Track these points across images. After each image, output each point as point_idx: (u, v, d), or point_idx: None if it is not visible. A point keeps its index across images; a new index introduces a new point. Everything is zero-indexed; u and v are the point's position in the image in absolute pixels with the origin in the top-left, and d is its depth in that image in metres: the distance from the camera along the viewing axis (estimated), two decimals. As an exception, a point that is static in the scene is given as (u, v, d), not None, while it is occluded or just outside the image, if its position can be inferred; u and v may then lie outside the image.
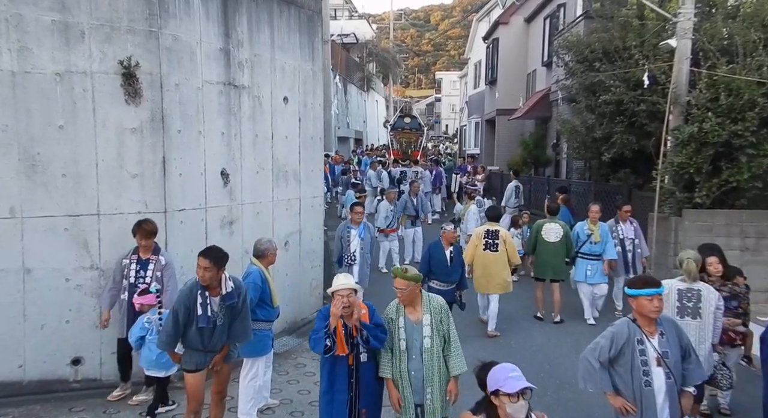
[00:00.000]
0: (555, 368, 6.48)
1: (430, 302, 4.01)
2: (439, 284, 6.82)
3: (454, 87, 51.28)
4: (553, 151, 16.85)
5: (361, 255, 7.60)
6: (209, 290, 4.24)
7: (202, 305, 4.23)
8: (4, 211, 5.11)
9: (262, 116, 6.83)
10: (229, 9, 6.28)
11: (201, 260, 4.18)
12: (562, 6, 16.88)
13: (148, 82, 5.45)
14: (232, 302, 4.32)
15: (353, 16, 35.11)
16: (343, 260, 7.63)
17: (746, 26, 8.73)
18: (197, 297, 4.23)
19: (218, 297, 4.27)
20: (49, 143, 5.17)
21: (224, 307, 4.30)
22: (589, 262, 7.85)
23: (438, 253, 6.88)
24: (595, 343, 3.76)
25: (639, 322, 3.66)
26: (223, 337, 4.41)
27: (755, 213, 8.56)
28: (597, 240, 7.79)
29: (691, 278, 4.84)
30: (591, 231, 7.84)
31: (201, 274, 4.17)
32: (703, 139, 8.22)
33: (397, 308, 4.01)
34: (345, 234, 7.67)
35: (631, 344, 3.61)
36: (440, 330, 3.96)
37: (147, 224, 5.20)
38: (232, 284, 4.35)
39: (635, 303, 3.64)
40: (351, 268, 7.51)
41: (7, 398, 5.20)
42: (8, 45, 4.97)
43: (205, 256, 4.20)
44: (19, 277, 5.22)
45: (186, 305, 4.24)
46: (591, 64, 10.54)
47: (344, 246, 7.62)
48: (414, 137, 20.24)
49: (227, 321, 4.36)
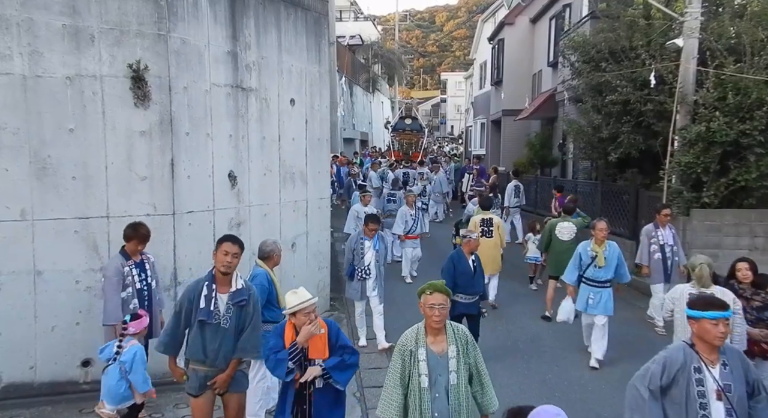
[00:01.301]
0: (563, 369, 6.46)
1: (455, 332, 3.43)
2: (464, 298, 6.27)
3: (460, 88, 51.26)
4: (560, 152, 16.81)
5: (376, 268, 6.96)
6: (218, 284, 3.96)
7: (206, 298, 3.90)
8: (15, 213, 5.16)
9: (269, 118, 6.86)
10: (237, 12, 6.32)
11: (228, 246, 3.94)
12: (567, 6, 16.84)
13: (156, 85, 5.49)
14: (241, 300, 3.97)
15: (359, 18, 35.17)
16: (355, 274, 6.95)
17: (754, 25, 8.71)
18: (203, 289, 3.92)
19: (226, 295, 3.96)
20: (59, 146, 5.22)
21: (232, 306, 3.96)
22: (592, 289, 6.62)
23: (462, 263, 6.36)
24: (645, 368, 3.31)
25: (698, 348, 3.20)
26: (230, 345, 3.94)
27: (764, 212, 8.52)
28: (601, 264, 6.59)
29: (702, 283, 4.69)
30: (595, 253, 6.66)
31: (227, 261, 3.90)
32: (711, 139, 8.20)
33: (417, 337, 3.38)
34: (358, 246, 6.95)
35: (686, 373, 3.16)
36: (467, 363, 3.40)
37: (143, 227, 5.05)
38: (243, 282, 4.08)
39: (696, 326, 3.19)
40: (365, 282, 6.92)
41: (19, 399, 5.24)
42: (19, 49, 5.02)
43: (234, 241, 4.00)
44: (30, 279, 5.27)
45: (190, 299, 3.93)
46: (597, 64, 10.52)
47: (357, 259, 6.91)
48: (415, 139, 20.27)
49: (235, 325, 3.96)
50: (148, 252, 5.23)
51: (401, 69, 39.93)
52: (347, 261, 7.09)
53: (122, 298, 4.91)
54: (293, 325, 3.69)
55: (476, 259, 6.50)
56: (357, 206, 10.42)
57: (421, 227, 10.35)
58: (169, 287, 5.72)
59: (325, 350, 3.67)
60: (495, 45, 23.66)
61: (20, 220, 5.18)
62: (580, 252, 6.81)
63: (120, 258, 4.98)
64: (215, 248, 4.00)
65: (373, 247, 6.91)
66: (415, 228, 10.14)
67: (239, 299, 3.98)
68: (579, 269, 6.74)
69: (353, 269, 6.95)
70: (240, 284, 4.03)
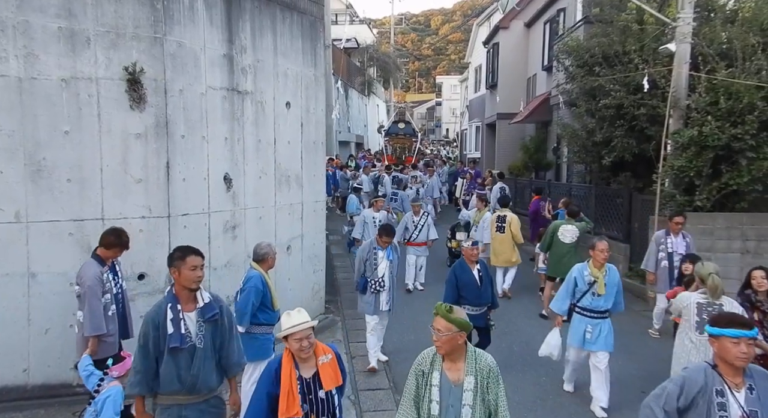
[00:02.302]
0: (558, 372, 6.49)
1: (477, 362, 3.07)
2: (471, 309, 5.94)
3: (455, 91, 51.44)
4: (554, 155, 16.88)
5: (390, 279, 6.47)
6: (182, 303, 3.54)
7: (174, 321, 3.44)
8: (10, 215, 5.15)
9: (264, 121, 6.88)
10: (233, 15, 6.34)
11: (196, 259, 3.53)
12: (562, 11, 16.95)
13: (152, 88, 5.50)
14: (213, 314, 3.56)
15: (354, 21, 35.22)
16: (368, 287, 6.43)
17: (745, 30, 8.80)
18: (167, 312, 3.45)
19: (194, 312, 3.54)
20: (54, 148, 5.21)
21: (204, 323, 3.53)
22: (590, 321, 5.63)
23: (465, 274, 6.05)
24: (661, 388, 3.08)
25: (721, 369, 2.97)
26: (209, 366, 3.53)
27: (755, 216, 8.59)
28: (602, 292, 5.56)
29: (716, 296, 4.53)
30: (595, 278, 5.59)
31: (197, 276, 3.52)
32: (703, 143, 8.26)
33: (434, 359, 3.11)
34: (371, 256, 6.46)
35: (707, 396, 2.92)
36: (485, 400, 3.02)
37: (125, 234, 4.92)
38: (209, 295, 3.66)
39: (717, 345, 2.97)
40: (379, 295, 6.42)
41: (12, 402, 5.22)
42: (15, 51, 5.02)
43: (198, 253, 3.58)
44: (24, 281, 5.26)
45: (156, 326, 3.45)
46: (591, 69, 10.60)
47: (370, 270, 6.44)
48: (408, 143, 20.30)
49: (210, 343, 3.55)
50: None
51: (397, 72, 40.05)
52: (358, 272, 6.59)
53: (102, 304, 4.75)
54: (290, 356, 3.26)
55: (482, 268, 6.17)
56: (367, 212, 9.99)
57: (427, 233, 9.88)
58: (164, 289, 5.69)
59: (337, 376, 3.35)
60: (490, 49, 23.77)
61: (15, 222, 5.17)
62: (576, 277, 5.70)
63: (96, 265, 4.76)
64: (175, 264, 3.53)
65: (387, 257, 6.44)
66: (417, 235, 9.82)
67: (210, 313, 3.56)
68: (572, 297, 5.74)
69: (366, 281, 6.44)
70: (207, 297, 3.62)
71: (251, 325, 5.03)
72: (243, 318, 4.96)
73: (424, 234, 9.83)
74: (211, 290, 6.07)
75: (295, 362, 3.24)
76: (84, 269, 4.75)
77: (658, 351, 7.08)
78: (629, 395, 5.91)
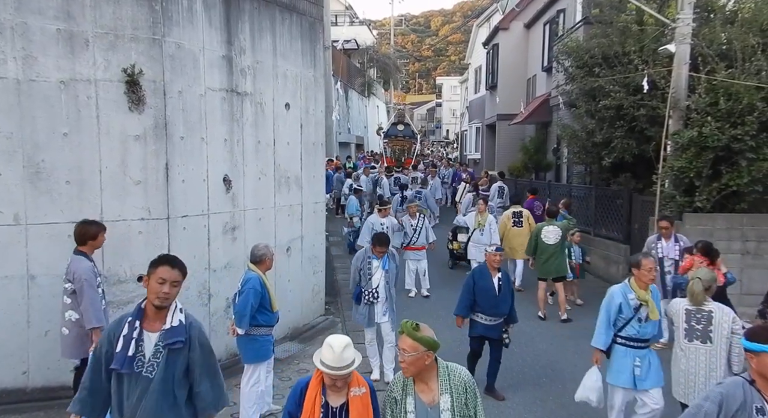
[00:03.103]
0: (557, 372, 6.48)
1: (450, 378, 2.89)
2: (485, 318, 5.72)
3: (455, 92, 51.48)
4: (554, 156, 16.88)
5: (386, 290, 6.10)
6: (146, 320, 2.97)
7: (126, 339, 2.90)
8: (9, 218, 5.15)
9: (264, 123, 6.88)
10: (232, 17, 6.34)
11: (166, 271, 2.94)
12: (561, 12, 16.96)
13: (151, 89, 5.50)
14: (176, 342, 2.93)
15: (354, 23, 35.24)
16: (362, 297, 6.13)
17: (745, 31, 8.79)
18: (124, 327, 2.93)
19: (156, 334, 2.95)
20: (53, 150, 5.21)
21: (162, 349, 2.92)
22: (637, 352, 4.66)
23: (484, 280, 5.78)
24: (696, 406, 2.89)
25: (759, 385, 2.80)
26: (164, 405, 2.93)
27: (755, 217, 8.58)
28: (655, 317, 4.66)
29: (697, 302, 4.40)
30: (643, 301, 4.62)
31: (164, 292, 2.92)
32: (703, 144, 8.25)
33: (405, 384, 2.90)
34: (365, 266, 6.12)
35: (747, 413, 2.76)
36: (465, 416, 2.87)
37: (98, 221, 4.98)
38: (183, 317, 3.03)
39: (756, 361, 2.80)
40: (373, 306, 6.09)
41: (11, 404, 5.21)
42: (14, 53, 5.02)
43: (174, 265, 2.99)
44: (24, 283, 5.25)
45: (110, 340, 2.94)
46: (591, 70, 10.59)
47: (364, 280, 6.10)
48: (407, 145, 20.28)
49: (163, 375, 2.92)
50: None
51: (397, 73, 40.08)
52: (353, 281, 6.30)
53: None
54: (320, 379, 2.92)
55: (504, 277, 5.83)
56: (373, 218, 9.43)
57: (426, 236, 9.59)
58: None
59: (369, 414, 2.95)
60: (490, 50, 23.79)
61: (14, 224, 5.17)
62: (620, 302, 4.66)
63: (85, 260, 4.75)
64: (148, 271, 3.02)
65: (382, 267, 6.07)
66: (416, 239, 9.53)
67: (172, 340, 2.94)
68: (613, 328, 4.72)
69: (360, 291, 6.14)
70: (178, 319, 3.00)
71: (250, 327, 5.02)
72: (242, 320, 4.96)
73: (423, 237, 9.56)
74: (212, 290, 6.16)
75: (324, 387, 2.92)
76: (75, 265, 4.71)
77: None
78: (629, 397, 5.89)
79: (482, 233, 9.82)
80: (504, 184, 14.87)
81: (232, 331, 5.12)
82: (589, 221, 11.77)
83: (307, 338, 7.42)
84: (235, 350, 5.88)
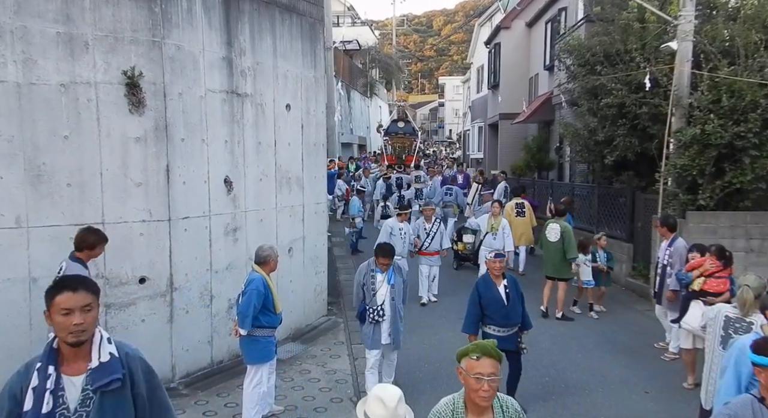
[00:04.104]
0: (560, 372, 6.47)
1: (504, 410, 2.60)
2: (497, 330, 5.36)
3: (457, 92, 51.46)
4: (556, 155, 16.84)
5: (392, 308, 5.55)
6: (63, 363, 2.30)
7: (36, 391, 2.23)
8: (10, 220, 5.15)
9: (264, 124, 6.88)
10: (232, 18, 6.34)
11: (68, 299, 2.24)
12: (563, 10, 16.92)
13: (151, 91, 5.51)
14: (111, 380, 2.27)
15: (356, 23, 35.26)
16: (366, 315, 5.59)
17: (747, 28, 8.73)
18: (32, 378, 2.25)
19: (81, 377, 2.28)
20: (54, 153, 5.22)
21: (93, 394, 2.27)
22: None
23: (489, 290, 5.40)
24: None
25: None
26: None
27: (759, 214, 8.53)
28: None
29: (745, 309, 4.16)
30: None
31: (74, 324, 2.22)
32: (706, 141, 8.20)
33: (454, 410, 2.56)
34: (368, 280, 5.59)
35: None
36: None
37: (100, 230, 4.92)
38: (114, 348, 2.35)
39: (764, 376, 2.68)
40: (378, 325, 5.54)
41: (14, 406, 5.22)
42: (14, 57, 5.03)
43: (75, 288, 2.28)
44: (26, 286, 5.26)
45: (12, 394, 2.28)
46: (592, 68, 10.56)
47: (368, 296, 5.58)
48: (408, 142, 20.17)
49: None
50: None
51: (399, 73, 40.06)
52: (356, 298, 5.75)
53: None
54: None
55: (510, 283, 5.47)
56: (392, 222, 8.84)
57: (440, 242, 9.17)
58: (165, 292, 5.72)
59: None
60: (492, 49, 23.75)
61: (15, 227, 5.17)
62: None
63: (83, 268, 4.65)
64: (46, 304, 2.31)
65: (388, 281, 5.55)
66: (430, 243, 9.10)
67: (105, 380, 2.28)
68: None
69: (364, 309, 5.60)
70: (108, 352, 2.32)
71: (253, 328, 5.03)
72: (245, 321, 4.97)
73: (437, 242, 9.14)
74: (214, 291, 6.16)
75: None
76: (70, 271, 4.63)
77: (660, 351, 7.04)
78: (632, 396, 5.88)
79: (495, 237, 9.39)
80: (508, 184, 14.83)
81: (235, 332, 5.13)
82: (592, 219, 11.75)
83: (310, 338, 7.42)
84: (237, 350, 5.88)
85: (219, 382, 5.98)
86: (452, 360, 2.66)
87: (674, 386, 6.04)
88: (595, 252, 8.75)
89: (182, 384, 5.82)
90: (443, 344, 7.05)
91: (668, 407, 5.62)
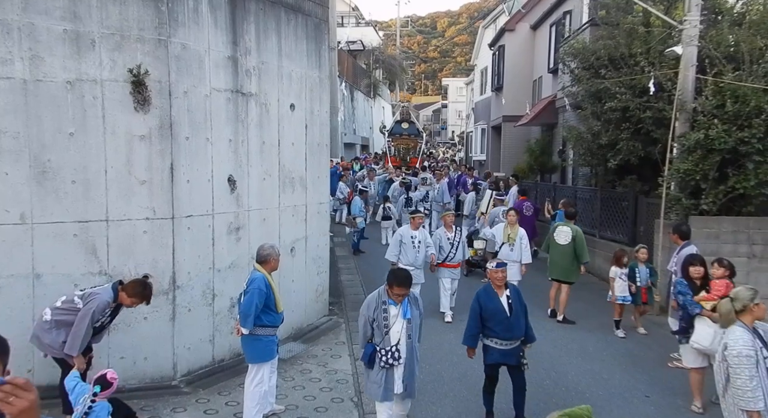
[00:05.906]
0: (561, 375, 6.46)
1: None
2: (500, 343, 5.06)
3: (461, 93, 51.42)
4: (559, 158, 16.81)
5: (409, 348, 4.52)
6: None
7: None
8: (15, 217, 5.18)
9: (269, 123, 6.89)
10: (237, 17, 6.36)
11: None
12: (568, 13, 16.91)
13: (157, 89, 5.52)
14: None
15: (360, 24, 35.27)
16: (376, 359, 4.49)
17: (752, 33, 8.74)
18: None
19: None
20: (59, 150, 5.24)
21: None
22: None
23: (490, 301, 5.09)
24: None
25: None
26: None
27: (762, 220, 8.52)
28: None
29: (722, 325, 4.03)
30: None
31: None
32: (710, 146, 8.20)
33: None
34: (379, 315, 4.50)
35: None
36: None
37: (150, 289, 4.95)
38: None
39: None
40: (391, 371, 4.48)
41: (16, 402, 5.23)
42: (20, 54, 5.06)
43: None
44: (29, 282, 5.28)
45: None
46: (597, 71, 10.56)
47: (379, 334, 4.50)
48: (413, 143, 19.98)
49: None
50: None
51: (402, 74, 40.00)
52: (362, 336, 4.65)
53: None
54: None
55: (513, 294, 5.16)
56: (403, 230, 8.31)
57: (463, 252, 8.55)
58: (168, 290, 5.73)
59: None
60: (496, 51, 23.74)
61: (20, 223, 5.20)
62: None
63: (111, 298, 4.77)
64: None
65: (403, 315, 4.50)
66: (453, 255, 8.31)
67: None
68: None
69: (373, 350, 4.50)
70: None
71: (255, 327, 5.03)
72: (246, 320, 4.98)
73: (461, 252, 8.47)
74: (216, 289, 6.17)
75: None
76: (99, 294, 4.74)
77: (662, 354, 7.03)
78: (634, 400, 5.87)
79: (512, 249, 8.55)
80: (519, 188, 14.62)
81: (237, 331, 5.14)
82: (595, 223, 11.73)
83: (311, 338, 7.42)
84: (239, 349, 5.90)
85: (220, 380, 5.99)
86: (454, 361, 2.60)
87: (676, 391, 6.04)
88: (634, 267, 7.71)
89: (183, 382, 5.83)
90: (444, 344, 7.05)
91: (669, 413, 5.62)
